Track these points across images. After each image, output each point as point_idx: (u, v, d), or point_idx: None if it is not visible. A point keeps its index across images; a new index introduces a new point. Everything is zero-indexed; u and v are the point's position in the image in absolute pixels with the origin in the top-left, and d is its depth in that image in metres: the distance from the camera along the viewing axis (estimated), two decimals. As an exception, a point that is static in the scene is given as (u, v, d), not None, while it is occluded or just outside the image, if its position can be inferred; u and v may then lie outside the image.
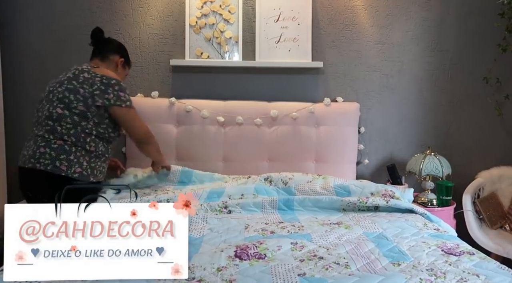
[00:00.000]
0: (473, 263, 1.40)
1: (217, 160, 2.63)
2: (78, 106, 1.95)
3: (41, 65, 2.70)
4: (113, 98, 1.98)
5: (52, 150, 1.93)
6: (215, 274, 1.29)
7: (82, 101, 1.95)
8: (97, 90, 1.96)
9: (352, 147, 2.69)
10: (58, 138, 1.94)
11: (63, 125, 1.95)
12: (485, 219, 2.57)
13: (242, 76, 2.74)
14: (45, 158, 1.92)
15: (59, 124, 1.95)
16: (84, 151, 1.97)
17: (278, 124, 2.64)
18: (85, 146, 1.97)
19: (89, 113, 1.96)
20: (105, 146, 2.05)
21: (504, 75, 2.71)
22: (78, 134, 1.95)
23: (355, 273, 1.32)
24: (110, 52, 2.16)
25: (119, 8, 2.68)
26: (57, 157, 1.92)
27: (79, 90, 1.96)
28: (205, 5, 2.66)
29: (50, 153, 1.92)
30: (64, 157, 1.93)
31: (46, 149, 1.93)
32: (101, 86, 1.97)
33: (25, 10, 2.66)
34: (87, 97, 1.96)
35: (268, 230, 1.71)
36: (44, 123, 1.98)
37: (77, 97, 1.95)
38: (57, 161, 1.92)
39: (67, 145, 1.94)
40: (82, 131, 1.96)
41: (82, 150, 1.96)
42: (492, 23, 2.61)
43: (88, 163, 1.97)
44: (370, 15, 2.73)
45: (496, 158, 2.74)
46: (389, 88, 2.78)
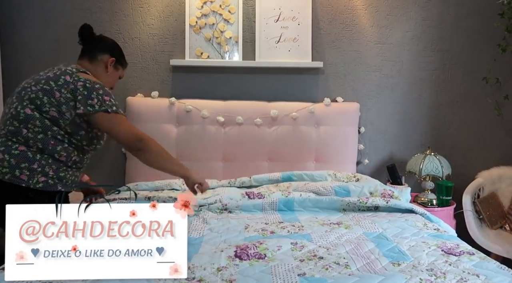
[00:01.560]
0: (473, 263, 1.40)
1: (217, 160, 2.63)
2: (50, 111, 1.70)
3: (41, 65, 2.68)
4: (97, 103, 1.72)
5: (12, 157, 1.65)
6: (215, 274, 1.30)
7: (56, 106, 1.70)
8: (79, 95, 1.71)
9: (352, 147, 2.69)
10: (22, 142, 1.68)
11: (30, 128, 1.68)
12: (485, 219, 2.57)
13: (242, 76, 2.74)
14: (2, 166, 1.64)
15: (25, 126, 1.68)
16: (51, 159, 1.70)
17: (278, 124, 2.64)
18: (54, 154, 1.70)
19: (61, 121, 1.71)
20: (80, 156, 1.80)
21: (503, 75, 2.72)
22: (47, 141, 1.69)
23: (355, 273, 1.32)
24: (100, 51, 1.90)
25: (119, 8, 2.68)
26: (17, 165, 1.65)
27: (55, 93, 1.70)
28: (205, 5, 2.66)
29: (9, 160, 1.65)
30: (25, 165, 1.65)
31: (5, 155, 1.65)
32: (83, 91, 1.71)
33: (25, 10, 2.67)
34: (62, 103, 1.70)
35: (268, 230, 1.71)
36: (9, 122, 1.71)
37: (51, 100, 1.70)
38: (17, 170, 1.64)
39: (30, 152, 1.67)
40: (52, 137, 1.70)
41: (48, 158, 1.69)
42: (492, 23, 2.61)
43: (55, 172, 1.71)
44: (370, 15, 2.73)
45: (496, 158, 2.74)
46: (389, 88, 2.78)
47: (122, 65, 2.01)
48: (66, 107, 1.70)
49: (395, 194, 2.16)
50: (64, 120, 1.71)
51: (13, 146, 1.67)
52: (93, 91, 1.72)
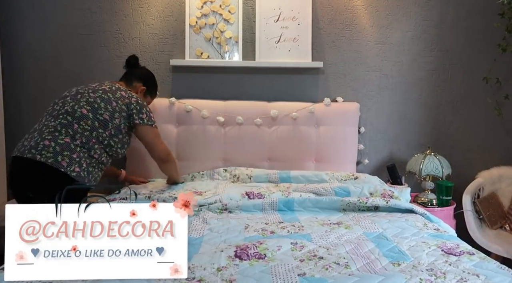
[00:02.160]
0: (473, 263, 1.40)
1: (217, 160, 2.63)
2: (104, 114, 2.00)
3: (41, 65, 2.71)
4: (146, 117, 2.10)
5: (57, 145, 1.90)
6: (215, 274, 1.29)
7: (111, 111, 2.02)
8: (134, 108, 2.08)
9: (352, 147, 2.69)
10: (69, 135, 1.93)
11: (81, 125, 1.96)
12: (485, 219, 2.57)
13: (242, 76, 2.74)
14: (48, 151, 1.88)
15: (78, 122, 1.96)
16: (87, 154, 1.96)
17: (278, 124, 2.64)
18: (91, 150, 1.97)
19: (110, 124, 2.01)
20: (107, 158, 2.07)
21: (504, 75, 2.71)
22: (90, 138, 1.97)
23: (355, 273, 1.32)
24: (136, 78, 2.28)
25: (119, 8, 2.68)
26: (60, 152, 1.89)
27: (112, 102, 2.04)
28: (205, 5, 2.66)
29: (55, 147, 1.89)
30: (67, 153, 1.89)
31: (51, 143, 1.90)
32: (136, 106, 2.09)
33: (25, 10, 2.67)
34: (116, 111, 2.04)
35: (268, 230, 1.71)
36: (62, 116, 1.97)
37: (107, 107, 2.02)
38: (59, 156, 1.88)
39: (73, 144, 1.92)
40: (95, 138, 1.98)
41: (86, 153, 1.95)
42: (492, 23, 2.61)
43: (87, 165, 1.95)
44: (370, 15, 2.73)
45: (496, 158, 2.74)
46: (389, 88, 2.78)
47: (151, 94, 2.38)
48: (118, 115, 2.05)
49: (395, 194, 2.16)
50: (112, 124, 2.03)
51: (60, 136, 1.93)
52: (143, 107, 2.12)
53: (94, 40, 2.70)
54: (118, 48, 2.70)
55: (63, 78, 2.69)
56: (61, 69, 2.71)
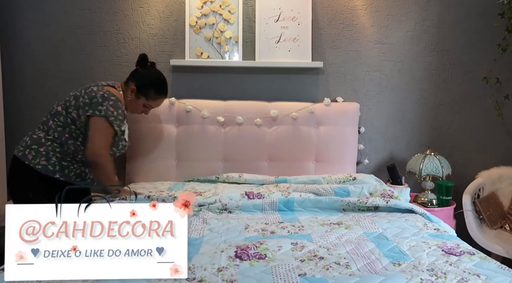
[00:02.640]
0: (474, 263, 1.40)
1: (217, 160, 2.62)
2: (72, 112, 2.03)
3: (41, 65, 2.70)
4: (104, 109, 1.98)
5: (30, 139, 2.02)
6: (215, 274, 1.29)
7: (77, 108, 2.02)
8: (95, 102, 1.99)
9: (352, 147, 2.69)
10: (44, 130, 2.02)
11: (55, 121, 2.03)
12: (485, 219, 2.57)
13: (242, 76, 2.74)
14: (21, 145, 2.02)
15: (52, 119, 2.03)
16: (60, 148, 2.01)
17: (278, 124, 2.64)
18: (64, 145, 2.02)
19: (78, 122, 2.02)
20: (85, 155, 2.02)
21: (504, 75, 2.72)
22: (63, 133, 2.02)
23: (356, 273, 1.32)
24: (131, 78, 2.19)
25: (119, 8, 2.68)
26: (29, 146, 2.00)
27: (79, 98, 2.04)
28: (205, 5, 2.66)
29: (27, 141, 2.02)
30: (35, 147, 1.99)
31: (27, 137, 2.04)
32: (99, 99, 2.00)
33: (26, 10, 2.66)
34: (80, 107, 2.01)
35: (268, 230, 1.71)
36: (45, 115, 2.08)
37: (76, 104, 2.03)
38: (27, 149, 1.99)
39: (44, 139, 2.01)
40: (69, 133, 2.02)
41: (57, 147, 2.00)
42: (492, 23, 2.62)
43: (58, 159, 2.00)
44: (370, 15, 2.73)
45: (496, 158, 2.74)
46: (389, 88, 2.78)
47: (146, 96, 2.18)
48: (82, 111, 2.00)
49: (395, 194, 2.16)
50: (80, 122, 2.01)
51: (37, 131, 2.03)
52: (108, 101, 2.00)
53: (94, 40, 2.69)
54: (118, 48, 2.70)
55: (63, 78, 2.69)
56: (61, 69, 2.71)
